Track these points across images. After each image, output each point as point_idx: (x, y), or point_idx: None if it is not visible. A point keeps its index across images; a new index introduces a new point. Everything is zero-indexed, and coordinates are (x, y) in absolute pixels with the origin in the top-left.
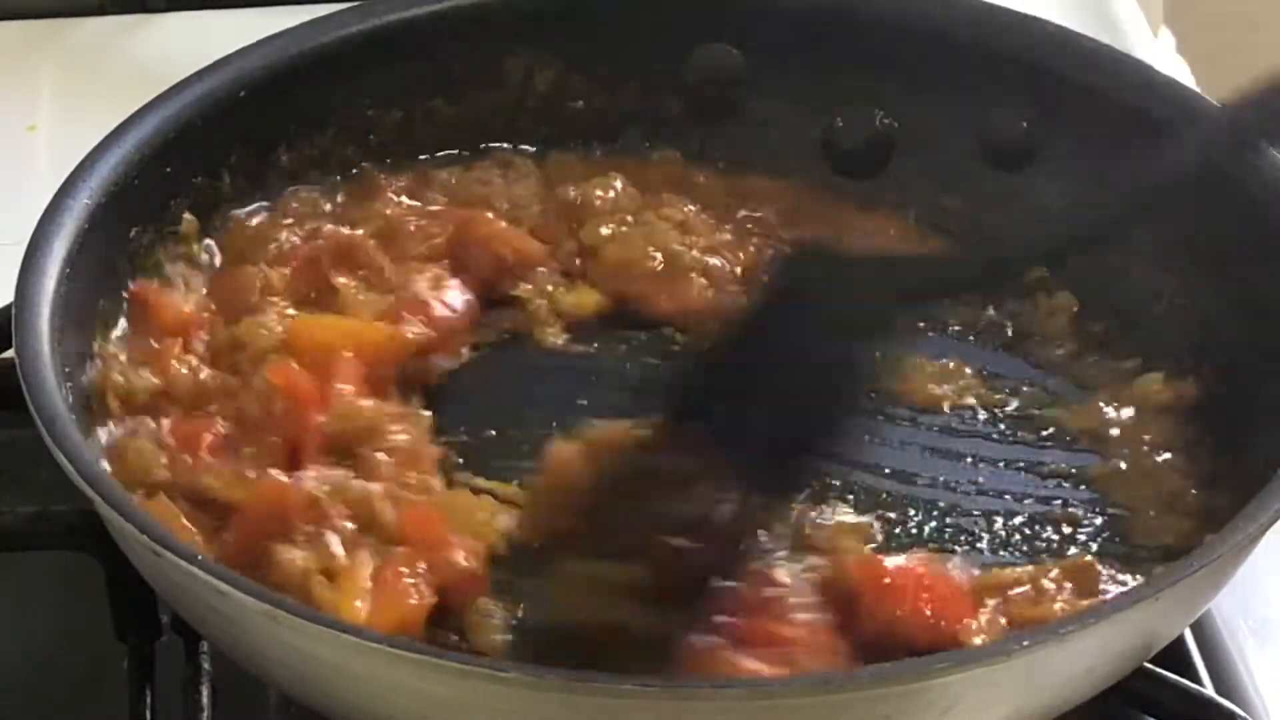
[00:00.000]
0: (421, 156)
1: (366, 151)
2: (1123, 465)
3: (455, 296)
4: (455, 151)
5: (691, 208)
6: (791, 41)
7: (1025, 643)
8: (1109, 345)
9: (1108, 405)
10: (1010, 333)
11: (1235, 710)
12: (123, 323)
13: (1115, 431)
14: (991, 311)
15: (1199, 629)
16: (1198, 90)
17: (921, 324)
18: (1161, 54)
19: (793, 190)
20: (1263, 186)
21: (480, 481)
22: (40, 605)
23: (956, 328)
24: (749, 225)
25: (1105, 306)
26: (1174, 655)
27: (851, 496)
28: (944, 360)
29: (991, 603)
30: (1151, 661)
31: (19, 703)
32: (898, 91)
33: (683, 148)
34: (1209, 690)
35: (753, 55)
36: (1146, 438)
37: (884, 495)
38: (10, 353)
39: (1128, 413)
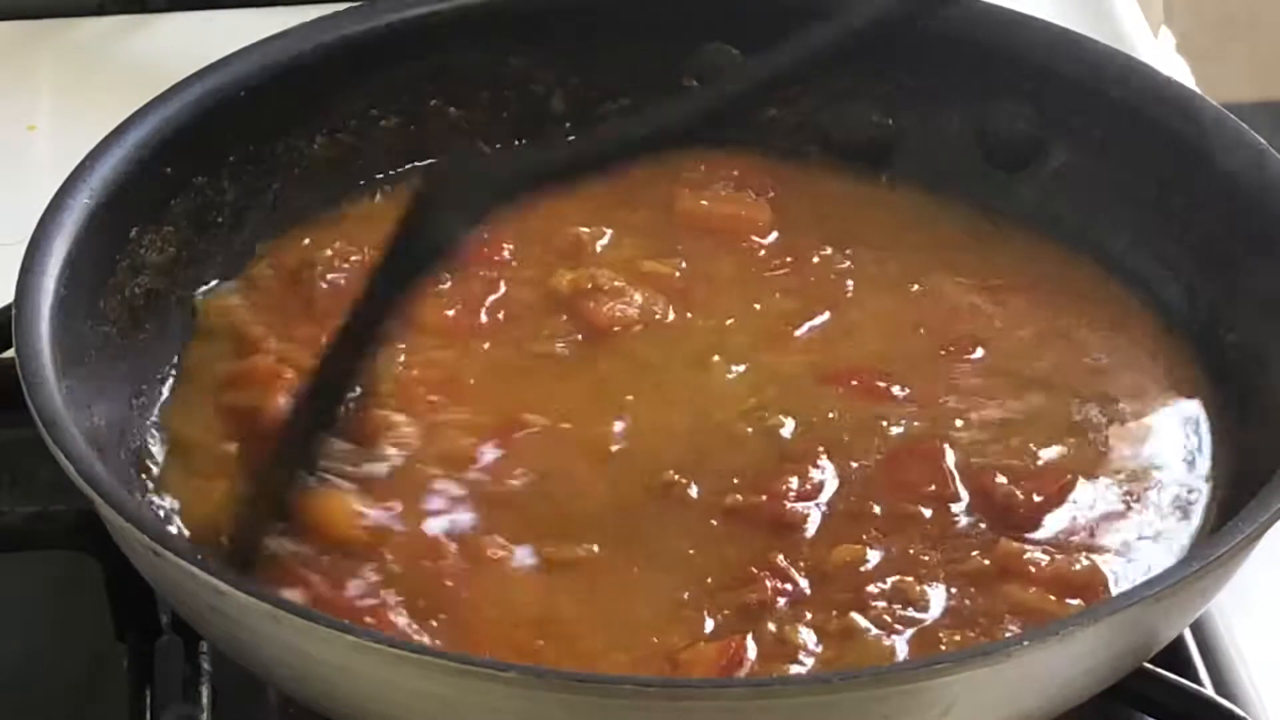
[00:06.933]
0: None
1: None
2: None
3: None
4: None
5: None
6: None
7: (1025, 643)
8: None
9: None
10: None
11: (1235, 710)
12: None
13: None
14: None
15: (1199, 629)
16: (1198, 90)
17: None
18: (1161, 54)
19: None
20: (1263, 186)
21: None
22: (40, 605)
23: None
24: None
25: None
26: (1174, 655)
27: None
28: None
29: None
30: (1151, 661)
31: (19, 703)
32: (896, 91)
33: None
34: (1209, 690)
35: (752, 55)
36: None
37: None
38: (10, 352)
39: None
